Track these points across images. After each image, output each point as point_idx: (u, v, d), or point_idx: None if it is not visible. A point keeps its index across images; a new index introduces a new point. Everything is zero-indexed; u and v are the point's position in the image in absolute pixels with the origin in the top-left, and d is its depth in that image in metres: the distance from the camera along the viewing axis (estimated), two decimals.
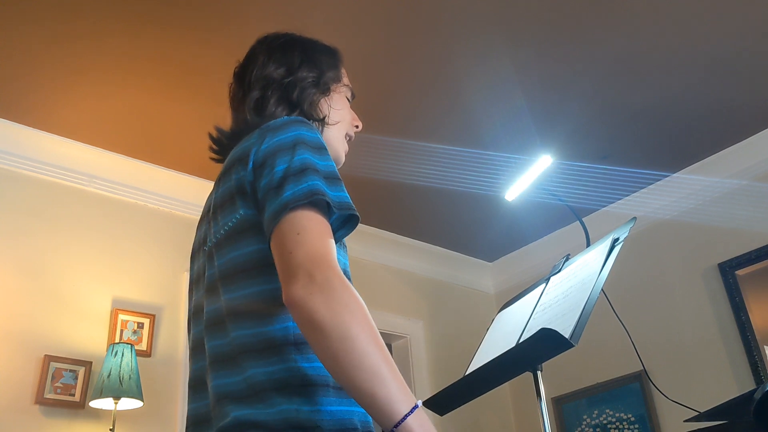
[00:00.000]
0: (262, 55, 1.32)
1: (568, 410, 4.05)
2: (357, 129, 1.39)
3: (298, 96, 1.25)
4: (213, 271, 1.11)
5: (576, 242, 3.81)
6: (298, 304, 0.93)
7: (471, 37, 2.76)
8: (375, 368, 0.90)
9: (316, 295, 0.92)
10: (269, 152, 1.07)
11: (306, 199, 0.99)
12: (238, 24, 2.63)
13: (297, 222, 0.99)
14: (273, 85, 1.26)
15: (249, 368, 1.00)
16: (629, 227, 1.58)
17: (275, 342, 1.00)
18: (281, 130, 1.09)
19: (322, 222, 1.01)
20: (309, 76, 1.28)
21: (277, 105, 1.23)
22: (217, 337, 1.07)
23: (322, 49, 1.36)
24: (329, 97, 1.30)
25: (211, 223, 1.15)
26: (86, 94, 2.94)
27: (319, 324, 0.91)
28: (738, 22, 2.77)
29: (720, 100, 3.23)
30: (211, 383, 1.05)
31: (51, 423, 2.79)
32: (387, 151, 3.37)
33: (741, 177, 3.60)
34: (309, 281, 0.93)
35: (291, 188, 1.01)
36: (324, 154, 1.08)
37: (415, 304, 4.35)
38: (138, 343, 3.08)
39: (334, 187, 1.05)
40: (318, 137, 1.10)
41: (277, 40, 1.34)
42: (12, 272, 2.93)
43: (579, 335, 1.32)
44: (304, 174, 1.02)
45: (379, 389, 0.89)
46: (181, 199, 3.52)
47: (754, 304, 3.45)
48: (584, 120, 3.31)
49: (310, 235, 0.98)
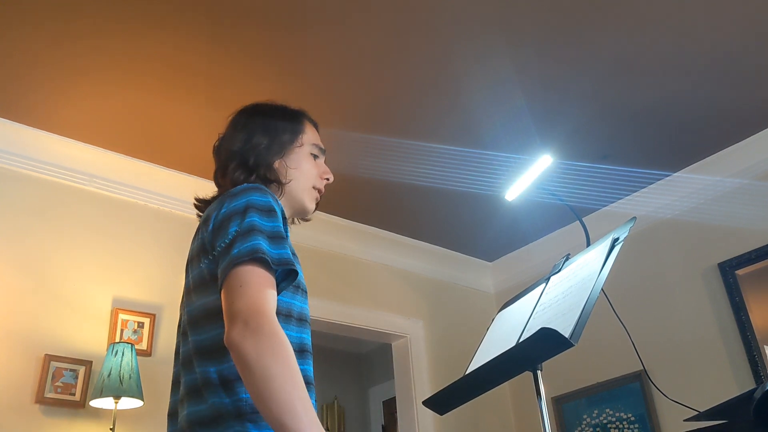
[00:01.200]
0: (229, 130, 1.52)
1: (568, 410, 4.05)
2: (327, 181, 1.54)
3: (254, 161, 1.43)
4: (184, 317, 1.33)
5: (576, 242, 3.81)
6: (233, 347, 1.11)
7: (471, 37, 2.76)
8: (287, 403, 1.06)
9: (248, 339, 1.09)
10: (225, 216, 1.26)
11: (249, 256, 1.17)
12: (239, 24, 2.63)
13: (240, 276, 1.16)
14: (234, 154, 1.45)
15: (211, 398, 1.18)
16: (629, 227, 1.58)
17: (229, 378, 1.18)
18: (237, 197, 1.28)
19: (264, 275, 1.17)
20: (262, 142, 1.45)
21: (235, 171, 1.43)
22: (189, 373, 1.26)
23: (281, 115, 1.53)
24: (285, 159, 1.46)
25: (186, 276, 1.38)
26: (87, 94, 2.94)
27: (248, 364, 1.08)
28: (738, 22, 2.77)
29: (720, 99, 3.23)
30: (183, 412, 1.24)
31: (51, 422, 2.79)
32: (387, 151, 3.38)
33: (741, 176, 3.60)
34: (244, 327, 1.10)
35: (238, 247, 1.19)
36: (272, 215, 1.26)
37: (415, 304, 4.35)
38: (138, 343, 3.09)
39: (276, 245, 1.22)
40: (268, 201, 1.28)
41: (243, 114, 1.54)
42: (12, 271, 2.94)
43: (579, 335, 1.33)
44: (249, 235, 1.20)
45: (288, 421, 1.05)
46: (182, 199, 3.52)
47: (754, 304, 3.45)
48: (584, 120, 3.31)
49: (249, 288, 1.15)
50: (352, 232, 4.13)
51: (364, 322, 4.02)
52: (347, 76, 2.93)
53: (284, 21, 2.63)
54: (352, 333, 4.14)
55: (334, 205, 3.87)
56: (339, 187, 1.37)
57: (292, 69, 2.87)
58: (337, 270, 4.05)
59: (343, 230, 4.10)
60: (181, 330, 1.35)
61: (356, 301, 4.06)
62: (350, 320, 3.96)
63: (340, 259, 4.09)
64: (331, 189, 1.61)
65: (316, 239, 3.92)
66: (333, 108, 3.09)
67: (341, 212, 3.99)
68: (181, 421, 1.24)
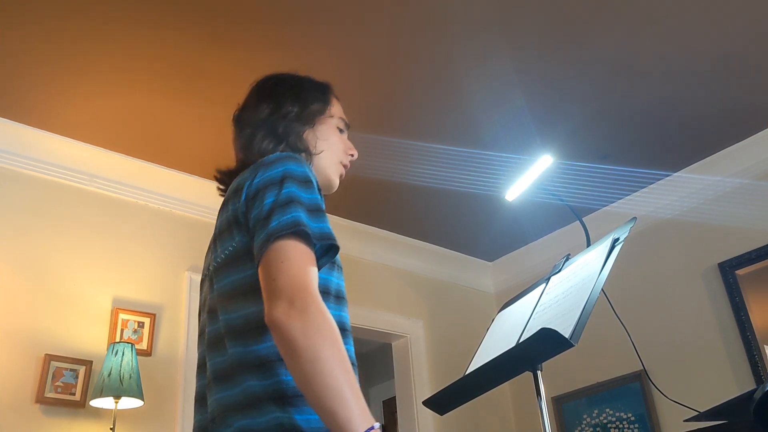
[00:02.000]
0: (254, 98, 1.44)
1: (568, 410, 4.05)
2: (352, 157, 1.48)
3: (284, 130, 1.36)
4: (213, 294, 1.23)
5: (576, 242, 3.82)
6: (277, 326, 1.03)
7: (472, 37, 2.76)
8: (338, 389, 0.99)
9: (294, 319, 1.02)
10: (260, 186, 1.18)
11: (289, 229, 1.09)
12: (240, 24, 2.63)
13: (281, 251, 1.08)
14: (261, 123, 1.37)
15: (245, 381, 1.10)
16: (629, 227, 1.58)
17: (267, 359, 1.11)
18: (272, 166, 1.20)
19: (305, 251, 1.10)
20: (293, 110, 1.38)
21: (263, 140, 1.35)
22: (218, 355, 1.18)
23: (309, 86, 1.47)
24: (314, 129, 1.40)
25: (212, 252, 1.29)
26: (87, 94, 2.94)
27: (294, 345, 1.01)
28: (738, 22, 2.77)
29: (720, 99, 3.23)
30: (212, 397, 1.16)
31: (51, 422, 2.79)
32: (388, 151, 3.37)
33: (741, 176, 3.60)
34: (289, 306, 1.03)
35: (277, 219, 1.11)
36: (310, 187, 1.18)
37: (415, 304, 4.35)
38: (138, 343, 3.08)
39: (316, 218, 1.15)
40: (305, 171, 1.20)
41: (268, 82, 1.47)
42: (12, 271, 2.94)
43: (579, 335, 1.33)
44: (288, 206, 1.12)
45: (339, 409, 0.98)
46: (182, 199, 3.52)
47: (754, 304, 3.45)
48: (584, 120, 3.31)
49: (292, 263, 1.07)
50: (352, 231, 4.13)
51: (365, 321, 4.02)
52: (347, 75, 2.93)
53: (285, 20, 2.63)
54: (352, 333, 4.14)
55: (335, 204, 3.87)
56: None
57: (293, 69, 2.86)
58: None
59: (343, 230, 4.10)
60: (206, 309, 1.26)
61: (356, 300, 4.04)
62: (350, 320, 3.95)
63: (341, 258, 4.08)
64: None
65: None
66: None
67: (342, 212, 3.99)
68: (212, 407, 1.16)
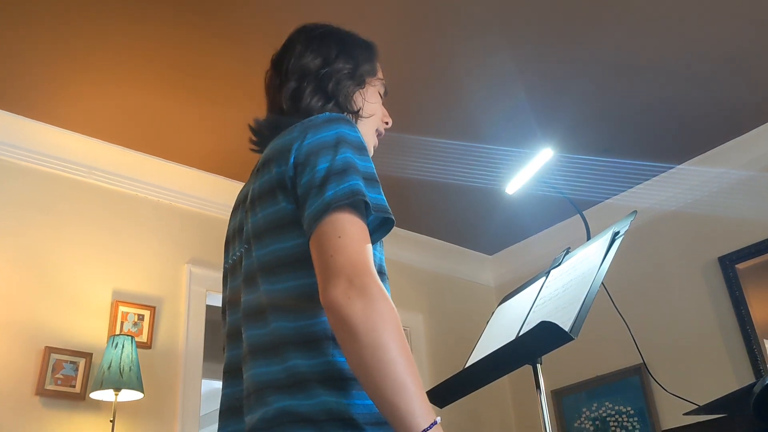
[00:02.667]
0: (300, 45, 1.31)
1: (567, 403, 4.06)
2: (387, 125, 1.40)
3: (334, 87, 1.25)
4: (251, 261, 1.12)
5: (576, 235, 3.81)
6: (335, 308, 0.94)
7: (473, 33, 2.75)
8: (400, 380, 0.91)
9: (355, 301, 0.93)
10: (312, 149, 1.07)
11: (347, 199, 1.00)
12: (238, 19, 2.62)
13: (338, 225, 1.00)
14: (309, 75, 1.26)
15: (290, 359, 1.01)
16: (630, 221, 1.58)
17: (315, 336, 1.02)
18: (324, 127, 1.10)
19: (362, 226, 1.02)
20: (345, 67, 1.28)
21: (312, 96, 1.24)
22: (257, 326, 1.08)
23: (358, 42, 1.36)
24: (364, 90, 1.31)
25: (249, 213, 1.16)
26: (87, 88, 2.94)
27: (354, 329, 0.92)
28: (739, 17, 2.76)
29: (721, 94, 3.22)
30: (249, 371, 1.07)
31: (51, 414, 2.80)
32: (388, 145, 3.36)
33: (742, 170, 3.59)
34: (348, 286, 0.95)
35: (333, 188, 1.01)
36: (364, 154, 1.09)
37: (415, 297, 4.35)
38: (138, 335, 3.09)
39: (372, 188, 1.06)
40: (359, 137, 1.11)
41: (315, 31, 1.34)
42: (12, 264, 2.94)
43: (579, 328, 1.32)
44: (346, 174, 1.03)
45: (401, 401, 0.90)
46: (182, 191, 3.52)
47: (754, 298, 3.45)
48: (585, 113, 3.31)
49: (350, 239, 0.99)
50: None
51: None
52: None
53: (285, 17, 2.62)
54: None
55: None
56: None
57: None
58: None
59: None
60: (243, 275, 1.14)
61: None
62: None
63: None
64: None
65: None
66: None
67: None
68: (247, 382, 1.07)
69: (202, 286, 3.39)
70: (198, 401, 3.18)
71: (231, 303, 1.20)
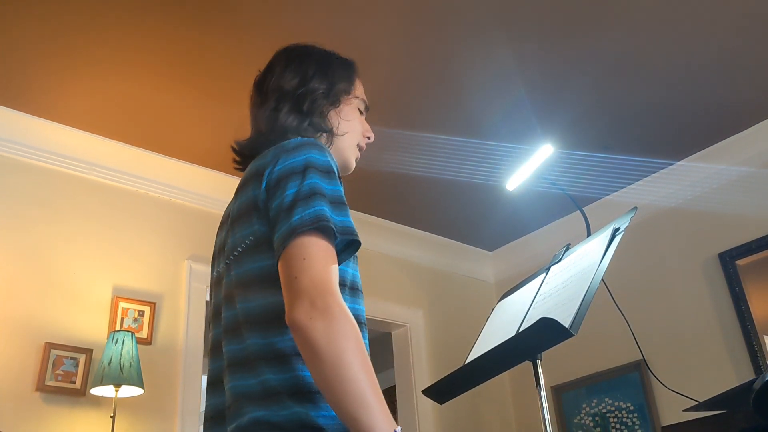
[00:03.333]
0: (279, 66, 1.38)
1: (567, 399, 4.06)
2: (369, 140, 1.45)
3: (309, 106, 1.32)
4: (230, 279, 1.20)
5: (577, 232, 3.81)
6: (299, 327, 1.00)
7: (473, 30, 2.75)
8: (360, 395, 0.97)
9: (316, 321, 0.99)
10: (282, 174, 1.14)
11: (312, 224, 1.06)
12: (237, 15, 2.61)
13: (303, 248, 1.05)
14: (286, 95, 1.33)
15: (263, 374, 1.08)
16: (630, 217, 1.58)
17: (284, 352, 1.09)
18: (293, 153, 1.16)
19: (327, 248, 1.07)
20: (320, 87, 1.34)
21: (288, 115, 1.31)
22: (235, 342, 1.15)
23: (336, 62, 1.42)
24: (339, 109, 1.37)
25: (229, 233, 1.24)
26: (87, 83, 2.93)
27: (316, 348, 0.99)
28: (739, 13, 2.76)
29: (721, 90, 3.22)
30: (228, 384, 1.14)
31: (52, 410, 2.80)
32: (389, 142, 3.37)
33: (742, 166, 3.59)
34: (311, 307, 1.00)
35: (299, 212, 1.08)
36: (332, 178, 1.15)
37: (415, 293, 4.35)
38: (138, 331, 3.09)
39: (339, 211, 1.12)
40: (327, 160, 1.17)
41: (295, 52, 1.41)
42: (12, 260, 2.94)
43: (579, 325, 1.33)
44: (312, 199, 1.09)
45: (362, 415, 0.96)
46: (182, 188, 3.52)
47: (754, 294, 3.45)
48: (585, 109, 3.30)
49: (314, 261, 1.04)
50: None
51: None
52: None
53: (283, 12, 2.62)
54: None
55: None
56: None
57: None
58: None
59: None
60: (223, 292, 1.22)
61: None
62: None
63: None
64: None
65: None
66: None
67: None
68: (227, 394, 1.14)
69: (203, 282, 3.39)
70: (198, 397, 3.18)
71: (214, 317, 1.26)
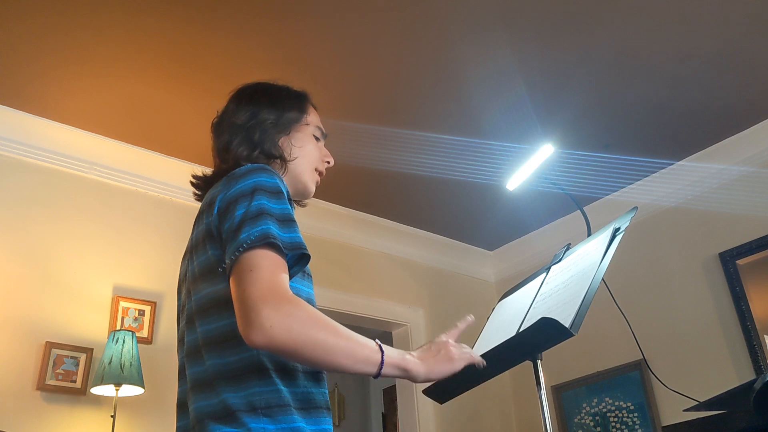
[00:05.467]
0: (233, 104, 1.47)
1: (567, 398, 4.06)
2: (328, 165, 1.52)
3: (260, 137, 1.39)
4: (191, 304, 1.26)
5: (577, 231, 3.80)
6: (259, 340, 1.06)
7: (472, 27, 2.75)
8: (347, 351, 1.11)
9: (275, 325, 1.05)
10: (232, 198, 1.20)
11: (259, 241, 1.12)
12: (238, 13, 2.61)
13: (250, 261, 1.11)
14: (239, 129, 1.40)
15: (222, 393, 1.14)
16: (630, 217, 1.58)
17: (240, 371, 1.15)
18: (243, 178, 1.22)
19: (276, 259, 1.12)
20: (269, 117, 1.42)
21: (239, 146, 1.38)
22: (196, 364, 1.21)
23: (286, 94, 1.50)
24: (290, 136, 1.43)
25: (189, 262, 1.31)
26: (87, 82, 2.93)
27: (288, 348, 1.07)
28: (740, 12, 2.75)
29: (722, 89, 3.21)
30: (192, 405, 1.19)
31: (52, 409, 2.80)
32: (388, 140, 3.36)
33: (743, 166, 3.59)
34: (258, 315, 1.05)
35: (246, 231, 1.13)
36: (280, 198, 1.20)
37: (416, 293, 4.35)
38: (139, 330, 3.09)
39: (287, 228, 1.17)
40: (275, 182, 1.22)
41: (246, 90, 1.50)
42: (13, 259, 2.94)
43: (579, 324, 1.33)
44: (258, 218, 1.14)
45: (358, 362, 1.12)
46: (182, 187, 3.51)
47: (755, 294, 3.44)
48: (586, 109, 3.30)
49: (261, 271, 1.10)
50: (353, 220, 4.13)
51: (365, 310, 4.02)
52: (347, 65, 2.92)
53: (283, 10, 2.62)
54: (352, 321, 4.14)
55: (336, 193, 3.87)
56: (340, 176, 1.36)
57: (291, 58, 2.86)
58: (338, 258, 4.05)
59: (344, 219, 4.10)
60: (185, 318, 1.29)
61: (357, 289, 4.06)
62: (351, 308, 3.96)
63: (341, 247, 4.09)
64: (332, 178, 1.61)
65: (317, 228, 3.92)
66: (333, 98, 3.08)
67: (342, 201, 3.99)
68: (192, 415, 1.19)
69: None
70: None
71: (179, 343, 1.31)
